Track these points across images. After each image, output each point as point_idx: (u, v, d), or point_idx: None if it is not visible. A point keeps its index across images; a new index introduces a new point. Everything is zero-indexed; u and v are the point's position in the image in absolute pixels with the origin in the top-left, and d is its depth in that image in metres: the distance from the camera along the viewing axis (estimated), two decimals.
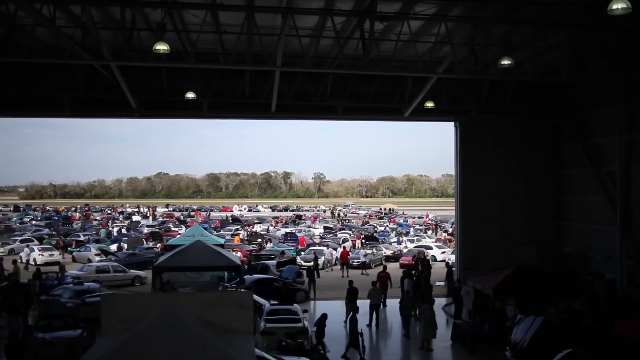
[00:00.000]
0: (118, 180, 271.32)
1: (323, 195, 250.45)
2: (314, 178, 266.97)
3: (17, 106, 30.46)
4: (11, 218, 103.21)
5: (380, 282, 30.37)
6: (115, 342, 11.29)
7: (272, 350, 18.36)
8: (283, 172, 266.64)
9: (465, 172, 33.42)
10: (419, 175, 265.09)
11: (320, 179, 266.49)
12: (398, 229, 76.45)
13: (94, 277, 34.60)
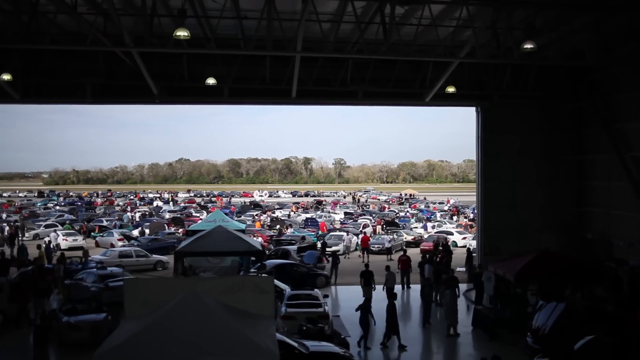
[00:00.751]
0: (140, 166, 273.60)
1: (343, 181, 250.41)
2: (335, 163, 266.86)
3: (40, 93, 30.77)
4: (35, 204, 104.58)
5: (402, 265, 31.43)
6: (138, 325, 11.45)
7: (293, 335, 18.46)
8: (303, 157, 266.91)
9: (486, 158, 33.18)
10: (440, 161, 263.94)
11: (341, 165, 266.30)
12: (419, 215, 76.22)
13: (116, 262, 35.00)
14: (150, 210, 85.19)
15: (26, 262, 34.34)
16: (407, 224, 63.58)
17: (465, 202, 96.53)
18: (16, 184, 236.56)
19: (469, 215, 73.54)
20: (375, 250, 43.99)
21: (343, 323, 23.72)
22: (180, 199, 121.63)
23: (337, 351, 17.24)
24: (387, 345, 20.48)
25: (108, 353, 10.76)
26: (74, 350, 19.21)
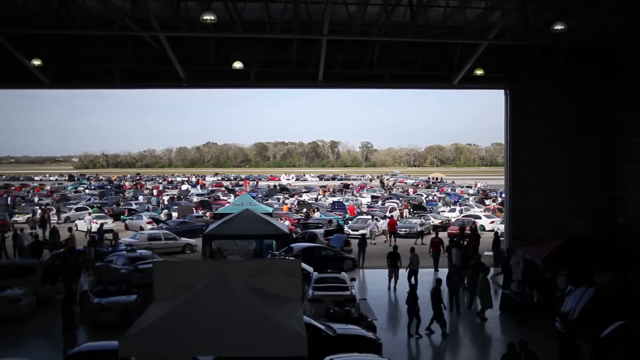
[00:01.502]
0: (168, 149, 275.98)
1: (370, 165, 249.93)
2: (362, 147, 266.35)
3: (70, 78, 31.13)
4: (66, 187, 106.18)
5: (433, 247, 31.78)
6: (167, 307, 11.61)
7: (320, 318, 18.56)
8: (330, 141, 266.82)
9: (515, 141, 32.81)
10: (467, 144, 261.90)
11: (368, 148, 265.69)
12: (446, 199, 75.80)
13: (146, 245, 35.44)
14: (178, 193, 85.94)
15: (58, 244, 34.95)
16: (434, 207, 63.32)
17: (493, 186, 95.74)
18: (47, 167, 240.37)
19: (497, 199, 72.90)
20: (402, 234, 43.96)
21: (370, 306, 23.79)
22: (208, 183, 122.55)
23: (364, 334, 17.29)
24: (433, 331, 20.20)
25: (138, 334, 10.94)
26: (105, 331, 19.53)
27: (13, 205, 67.01)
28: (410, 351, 18.62)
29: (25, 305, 23.00)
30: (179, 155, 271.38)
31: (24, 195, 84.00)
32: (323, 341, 15.84)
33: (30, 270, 25.34)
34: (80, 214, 53.89)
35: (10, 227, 47.77)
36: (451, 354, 19.07)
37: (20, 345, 19.68)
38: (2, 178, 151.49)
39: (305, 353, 10.72)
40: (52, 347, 19.88)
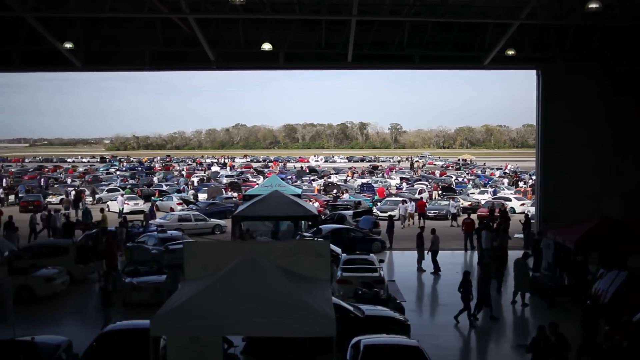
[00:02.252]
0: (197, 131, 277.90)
1: (399, 146, 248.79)
2: (391, 128, 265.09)
3: (101, 60, 31.38)
4: (98, 169, 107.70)
5: (465, 228, 32.29)
6: (197, 287, 11.74)
7: (349, 299, 18.63)
8: (359, 122, 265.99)
9: (547, 122, 32.30)
10: (498, 126, 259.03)
11: (397, 130, 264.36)
12: (476, 181, 75.22)
13: (176, 226, 35.86)
14: (207, 175, 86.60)
15: (90, 225, 35.53)
16: (464, 189, 62.91)
17: (524, 168, 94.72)
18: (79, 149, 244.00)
19: (528, 181, 72.11)
20: (431, 216, 43.85)
21: (398, 288, 23.80)
22: (237, 164, 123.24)
23: (392, 315, 17.32)
24: (477, 318, 19.85)
25: (169, 313, 11.10)
26: (137, 310, 19.84)
27: (47, 186, 68.27)
28: (438, 333, 18.59)
29: (59, 284, 23.48)
30: (208, 137, 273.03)
31: (57, 177, 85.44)
32: (351, 322, 15.91)
33: (64, 250, 25.82)
34: (112, 195, 54.67)
35: (44, 207, 48.68)
36: (479, 337, 19.02)
37: (56, 323, 20.12)
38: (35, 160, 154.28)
39: (333, 334, 10.78)
40: (86, 325, 20.30)
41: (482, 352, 17.83)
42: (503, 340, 18.60)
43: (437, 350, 15.23)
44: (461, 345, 17.64)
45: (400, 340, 14.36)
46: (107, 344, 13.75)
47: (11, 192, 59.13)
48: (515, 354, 16.96)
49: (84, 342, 14.45)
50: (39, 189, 62.39)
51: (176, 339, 11.65)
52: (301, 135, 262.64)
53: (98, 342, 13.89)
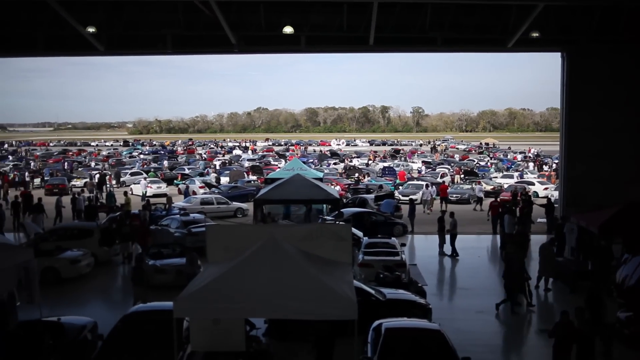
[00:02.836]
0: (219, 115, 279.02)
1: (421, 130, 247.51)
2: (413, 112, 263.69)
3: (123, 44, 31.52)
4: (121, 152, 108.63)
5: (492, 211, 32.26)
6: (220, 269, 11.82)
7: (370, 282, 18.66)
8: (381, 106, 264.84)
9: (571, 105, 31.85)
10: (521, 109, 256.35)
11: (419, 113, 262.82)
12: (498, 164, 74.64)
13: (198, 209, 36.10)
14: (229, 158, 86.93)
15: (114, 208, 35.90)
16: (486, 173, 62.49)
17: (548, 152, 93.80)
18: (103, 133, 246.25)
19: (552, 164, 71.38)
20: (453, 200, 43.65)
21: (420, 271, 23.79)
22: (259, 148, 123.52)
23: (413, 299, 17.33)
24: (519, 303, 19.54)
25: (192, 295, 11.20)
26: (160, 292, 20.06)
27: (71, 170, 69.10)
28: (460, 317, 18.57)
29: (84, 266, 23.82)
30: (230, 120, 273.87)
31: (81, 160, 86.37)
32: (373, 305, 15.94)
33: (88, 233, 26.16)
34: (135, 179, 55.17)
35: (69, 191, 49.30)
36: (502, 321, 18.96)
37: (81, 304, 20.44)
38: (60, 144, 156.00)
39: (355, 317, 10.81)
40: (110, 306, 20.61)
41: (505, 337, 17.78)
42: (525, 325, 18.54)
43: (458, 334, 15.21)
44: (483, 329, 17.59)
45: (422, 323, 14.37)
46: (131, 325, 13.92)
47: (36, 176, 59.96)
48: (538, 338, 16.90)
49: (109, 323, 14.65)
50: (63, 173, 63.21)
51: (199, 321, 11.76)
52: (323, 119, 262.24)
53: (122, 323, 14.08)
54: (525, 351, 16.56)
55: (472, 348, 14.40)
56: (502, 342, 17.12)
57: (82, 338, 14.53)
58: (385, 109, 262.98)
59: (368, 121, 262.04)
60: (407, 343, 12.78)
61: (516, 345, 17.15)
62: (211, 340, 11.76)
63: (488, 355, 15.22)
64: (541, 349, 16.01)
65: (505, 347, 16.63)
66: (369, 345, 13.22)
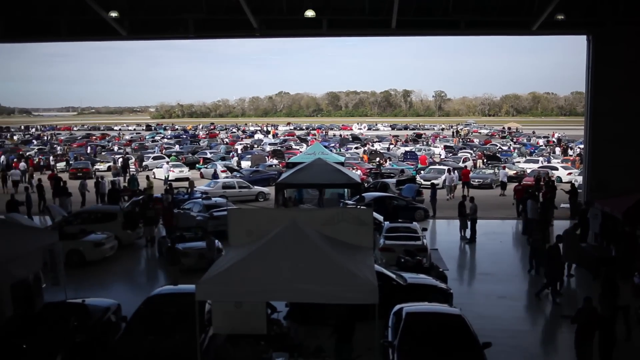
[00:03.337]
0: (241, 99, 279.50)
1: (444, 114, 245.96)
2: (435, 96, 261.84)
3: (145, 29, 31.59)
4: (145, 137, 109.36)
5: (517, 195, 32.17)
6: (241, 253, 11.90)
7: (391, 267, 18.66)
8: (403, 90, 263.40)
9: (597, 89, 31.35)
10: (545, 93, 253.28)
11: (441, 97, 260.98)
12: (521, 149, 73.93)
13: (220, 193, 36.29)
14: (251, 143, 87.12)
15: (137, 191, 36.22)
16: (509, 158, 61.97)
17: (572, 136, 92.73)
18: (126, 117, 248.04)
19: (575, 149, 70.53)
20: (475, 185, 43.38)
21: (441, 256, 23.72)
22: (280, 132, 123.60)
23: (434, 284, 17.31)
24: (561, 293, 19.15)
25: (214, 279, 11.29)
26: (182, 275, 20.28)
27: (94, 154, 69.78)
28: (481, 302, 18.52)
29: (108, 249, 24.11)
30: (251, 104, 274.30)
31: (104, 145, 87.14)
32: (394, 290, 15.95)
33: (112, 216, 26.45)
34: (158, 163, 55.55)
35: (93, 174, 49.81)
36: (523, 306, 18.90)
37: (105, 287, 20.70)
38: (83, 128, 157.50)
39: (376, 301, 10.83)
40: (133, 288, 20.86)
41: (526, 322, 17.71)
42: (548, 311, 18.43)
43: (479, 319, 15.18)
44: (504, 314, 17.53)
45: (443, 308, 14.36)
46: (154, 308, 14.09)
47: (61, 160, 60.65)
48: (560, 324, 16.79)
49: (132, 305, 14.84)
50: (87, 157, 63.89)
51: (221, 304, 11.86)
52: (344, 103, 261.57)
53: (145, 306, 14.25)
54: (547, 337, 16.49)
55: (493, 333, 14.37)
56: (523, 327, 17.04)
57: (106, 320, 14.75)
58: (407, 93, 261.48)
59: (390, 105, 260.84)
60: (427, 327, 12.78)
61: (538, 331, 17.08)
62: (233, 323, 11.87)
63: (509, 341, 15.18)
64: (563, 334, 15.94)
65: (527, 333, 16.55)
66: (389, 330, 13.25)
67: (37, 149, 77.38)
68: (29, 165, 50.88)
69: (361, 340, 12.65)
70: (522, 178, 44.68)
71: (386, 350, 12.75)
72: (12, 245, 15.11)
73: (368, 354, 11.87)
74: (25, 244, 15.71)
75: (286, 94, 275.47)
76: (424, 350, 12.04)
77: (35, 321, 13.66)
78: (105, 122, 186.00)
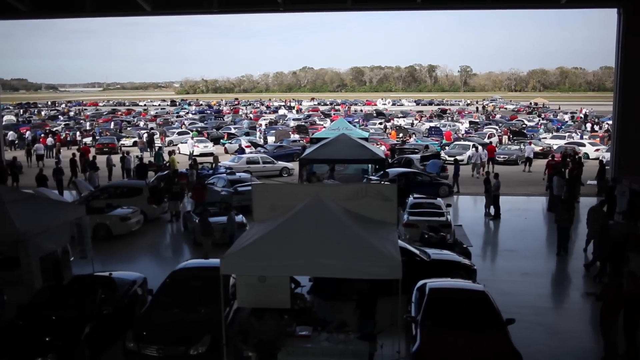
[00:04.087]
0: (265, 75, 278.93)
1: (469, 89, 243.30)
2: (460, 71, 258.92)
3: (169, 4, 31.63)
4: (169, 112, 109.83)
5: (549, 170, 32.02)
6: (265, 228, 11.95)
7: (415, 242, 18.63)
8: (428, 65, 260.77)
9: (627, 64, 30.70)
10: (573, 68, 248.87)
11: (467, 72, 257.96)
12: (548, 125, 72.96)
13: (244, 168, 36.41)
14: (275, 118, 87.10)
15: (162, 166, 36.49)
16: (535, 134, 61.22)
17: (600, 112, 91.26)
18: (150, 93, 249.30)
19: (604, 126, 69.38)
20: (500, 161, 43.02)
21: (465, 232, 23.62)
22: (304, 107, 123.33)
23: (458, 260, 17.25)
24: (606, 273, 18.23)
25: (238, 253, 11.37)
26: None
27: (120, 129, 70.34)
28: (505, 278, 18.44)
29: (134, 223, 24.39)
30: (275, 80, 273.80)
31: (129, 120, 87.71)
32: (417, 265, 15.96)
33: (137, 191, 26.70)
34: (182, 138, 55.84)
35: (118, 149, 50.27)
36: (548, 283, 18.79)
37: (131, 260, 20.99)
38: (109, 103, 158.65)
39: (399, 276, 10.84)
40: (159, 262, 21.12)
41: (550, 299, 17.61)
42: (572, 288, 18.31)
43: (503, 296, 15.14)
44: (528, 291, 17.44)
45: (466, 284, 14.33)
46: (179, 281, 14.26)
47: (87, 135, 61.27)
48: (585, 302, 16.70)
49: (158, 279, 15.04)
50: (112, 132, 64.44)
51: (245, 278, 11.95)
52: (368, 78, 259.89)
53: (171, 279, 14.43)
54: (571, 314, 16.38)
55: (517, 310, 14.34)
56: (547, 304, 16.95)
57: (133, 292, 14.97)
58: (432, 68, 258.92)
59: (414, 80, 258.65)
60: (451, 303, 12.77)
61: (562, 308, 16.98)
62: (257, 297, 11.96)
63: (533, 317, 15.12)
64: (587, 312, 15.85)
65: (551, 310, 16.47)
66: (412, 305, 13.28)
67: (63, 124, 78.18)
68: (56, 141, 51.53)
69: (384, 315, 12.69)
70: (549, 154, 44.17)
71: (409, 326, 12.79)
72: (41, 219, 15.38)
73: (391, 329, 11.91)
74: (53, 218, 15.99)
75: (310, 69, 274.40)
76: (447, 326, 12.05)
77: (64, 293, 13.90)
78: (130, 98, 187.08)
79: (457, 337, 11.66)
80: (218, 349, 11.97)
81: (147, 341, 12.16)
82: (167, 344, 12.09)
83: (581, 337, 14.50)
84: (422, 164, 35.87)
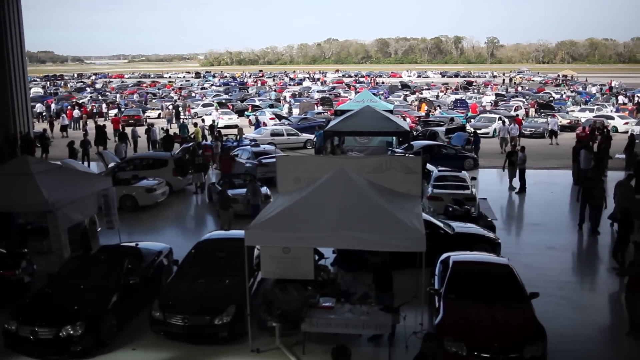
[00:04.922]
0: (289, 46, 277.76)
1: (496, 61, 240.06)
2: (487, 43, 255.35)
3: None
4: (193, 84, 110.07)
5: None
6: (289, 199, 12.01)
7: (439, 215, 18.58)
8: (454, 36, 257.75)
9: None
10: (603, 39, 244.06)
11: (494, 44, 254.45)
12: (576, 97, 71.81)
13: (269, 140, 36.45)
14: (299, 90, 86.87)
15: (187, 138, 36.68)
16: (563, 106, 60.32)
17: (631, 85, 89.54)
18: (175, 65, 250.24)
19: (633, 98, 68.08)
20: (527, 134, 42.53)
21: (490, 206, 23.48)
22: (329, 79, 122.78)
23: (482, 233, 17.17)
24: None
25: (262, 224, 11.45)
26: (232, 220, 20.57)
27: (145, 101, 70.73)
28: (529, 252, 18.33)
29: (159, 194, 24.62)
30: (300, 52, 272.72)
31: (155, 92, 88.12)
32: (441, 238, 15.93)
33: (163, 163, 26.89)
34: (207, 110, 55.98)
35: (144, 121, 50.58)
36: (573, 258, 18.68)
37: (157, 231, 21.23)
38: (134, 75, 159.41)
39: (423, 249, 10.84)
40: (184, 233, 21.34)
41: (575, 273, 17.50)
42: (597, 263, 18.14)
43: (527, 270, 15.08)
44: (553, 265, 17.33)
45: (490, 257, 14.27)
46: (204, 252, 14.41)
47: (113, 107, 61.71)
48: (610, 276, 16.56)
49: (183, 249, 15.21)
50: (138, 104, 64.82)
51: (269, 249, 12.04)
52: (394, 50, 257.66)
53: (196, 250, 14.58)
54: (595, 288, 16.29)
55: (541, 284, 14.26)
56: (571, 278, 16.85)
57: (159, 263, 15.17)
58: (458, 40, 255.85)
59: (440, 52, 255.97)
60: (474, 276, 12.73)
61: (586, 283, 16.86)
62: (281, 268, 12.06)
63: (557, 292, 15.04)
64: (613, 286, 15.73)
65: (575, 284, 16.37)
66: (436, 278, 13.28)
67: (89, 96, 78.78)
68: (82, 113, 51.99)
69: (407, 288, 12.72)
70: (576, 127, 43.56)
71: (432, 298, 12.81)
72: (69, 191, 15.61)
73: (414, 302, 11.95)
74: (81, 189, 16.23)
75: (335, 40, 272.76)
76: (470, 299, 12.04)
77: (92, 263, 14.15)
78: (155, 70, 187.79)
79: (481, 310, 11.65)
80: (242, 319, 12.13)
81: (173, 311, 12.35)
82: (192, 313, 12.26)
83: (606, 312, 14.44)
84: (447, 136, 35.59)
